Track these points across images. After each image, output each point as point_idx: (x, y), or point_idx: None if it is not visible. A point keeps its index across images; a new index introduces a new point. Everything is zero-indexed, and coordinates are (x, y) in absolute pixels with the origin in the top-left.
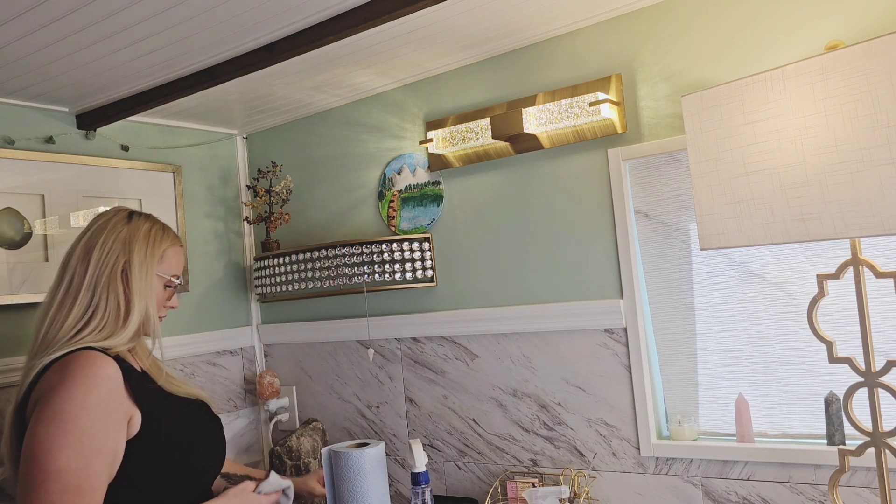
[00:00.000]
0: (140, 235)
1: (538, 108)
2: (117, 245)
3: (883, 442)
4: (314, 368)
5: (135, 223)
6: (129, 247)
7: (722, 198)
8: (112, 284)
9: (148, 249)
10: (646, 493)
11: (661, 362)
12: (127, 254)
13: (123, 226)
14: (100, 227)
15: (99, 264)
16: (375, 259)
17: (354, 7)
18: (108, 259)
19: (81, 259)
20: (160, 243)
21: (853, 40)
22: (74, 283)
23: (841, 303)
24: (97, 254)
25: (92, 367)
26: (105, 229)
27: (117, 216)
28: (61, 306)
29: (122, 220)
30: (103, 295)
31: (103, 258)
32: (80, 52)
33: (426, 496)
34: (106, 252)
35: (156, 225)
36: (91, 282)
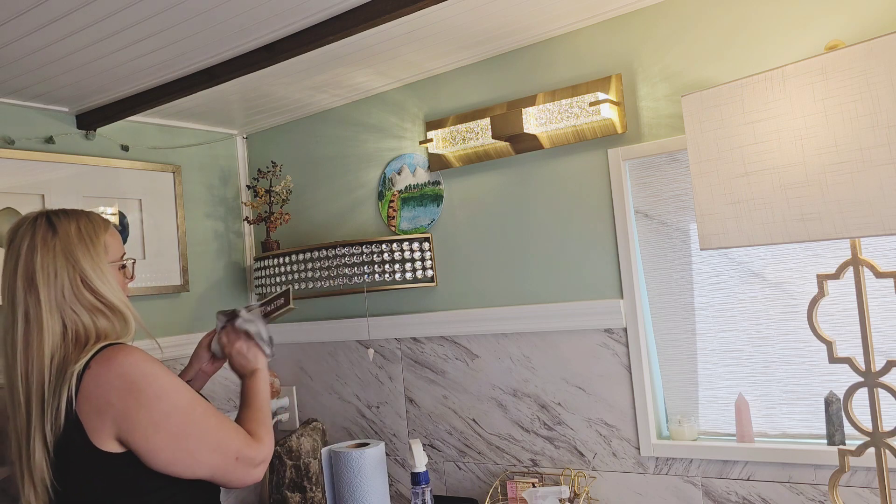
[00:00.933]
0: (74, 240)
1: (538, 108)
2: (59, 260)
3: (883, 442)
4: (314, 368)
5: (61, 229)
6: (72, 258)
7: (722, 198)
8: (80, 299)
9: (90, 249)
10: (646, 493)
11: (661, 362)
12: (74, 264)
13: (52, 237)
14: (28, 248)
15: (51, 288)
16: (375, 259)
17: (354, 7)
18: (59, 279)
19: (28, 289)
20: (96, 237)
21: (853, 40)
22: (33, 315)
23: (841, 303)
24: (42, 279)
25: (133, 351)
26: (35, 249)
27: (38, 229)
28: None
29: (45, 230)
30: (77, 307)
31: (52, 280)
32: (80, 52)
33: (426, 496)
34: (52, 273)
35: (80, 219)
36: (52, 306)
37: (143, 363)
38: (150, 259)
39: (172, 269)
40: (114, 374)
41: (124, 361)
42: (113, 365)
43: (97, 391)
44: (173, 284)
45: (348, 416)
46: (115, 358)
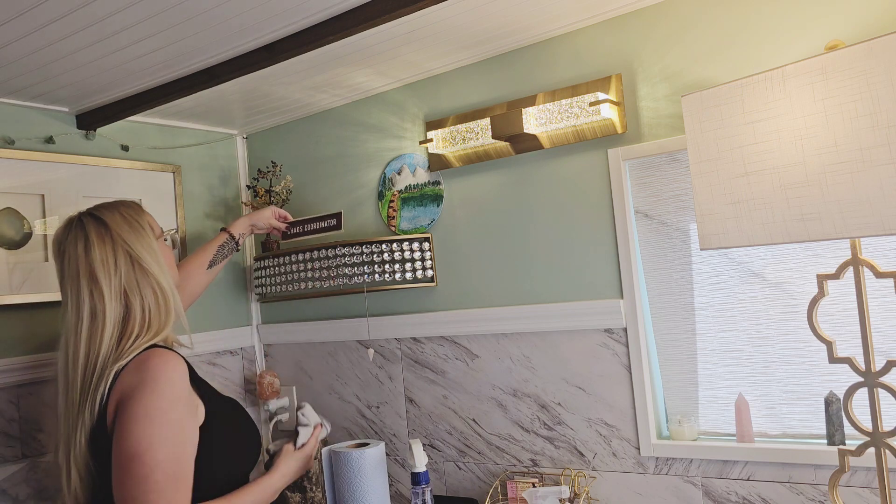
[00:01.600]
0: (123, 226)
1: (538, 108)
2: (117, 249)
3: (883, 442)
4: (314, 368)
5: (109, 220)
6: (125, 243)
7: (722, 198)
8: (141, 280)
9: (140, 233)
10: (646, 493)
11: (661, 362)
12: (129, 248)
13: (104, 230)
14: (84, 247)
15: (112, 278)
16: (375, 259)
17: (354, 7)
18: (118, 267)
19: (92, 286)
20: (141, 218)
21: (853, 40)
22: (99, 309)
23: (841, 303)
24: (103, 272)
25: (169, 364)
26: (91, 245)
27: (88, 225)
28: (92, 335)
29: (95, 225)
30: (135, 295)
31: (112, 271)
32: (80, 52)
33: (426, 496)
34: (112, 264)
35: (120, 207)
36: (115, 295)
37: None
38: None
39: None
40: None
41: (157, 363)
42: (145, 364)
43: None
44: None
45: (348, 416)
46: (150, 359)
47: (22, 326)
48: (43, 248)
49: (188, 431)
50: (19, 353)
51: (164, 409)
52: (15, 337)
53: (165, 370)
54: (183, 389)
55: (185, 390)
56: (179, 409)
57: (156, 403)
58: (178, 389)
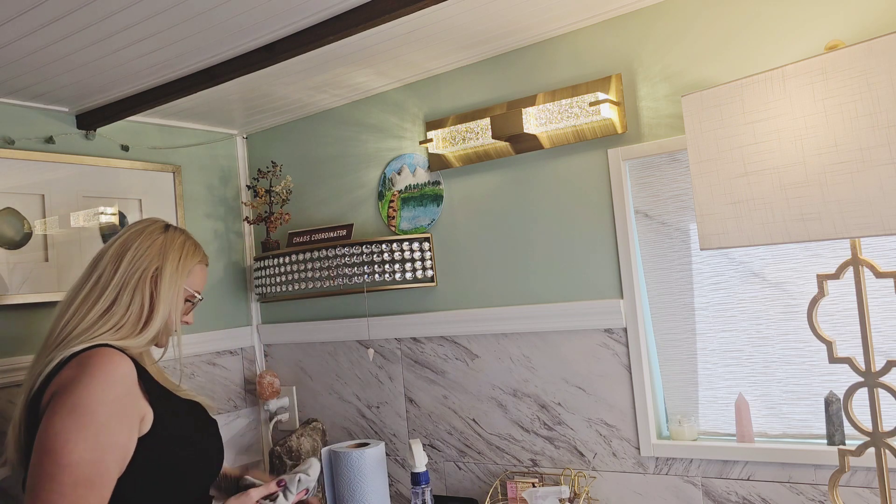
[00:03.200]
0: (175, 246)
1: (538, 108)
2: (152, 250)
3: (883, 442)
4: (314, 368)
5: (171, 234)
6: (163, 254)
7: (722, 198)
8: (140, 286)
9: (181, 261)
10: (646, 493)
11: (661, 362)
12: (160, 260)
13: (160, 234)
14: (136, 231)
15: (131, 265)
16: (375, 259)
17: (354, 7)
18: (142, 262)
19: (113, 259)
20: (192, 257)
21: (853, 40)
22: (102, 281)
23: (841, 303)
24: (130, 255)
25: (111, 364)
26: (141, 234)
27: (154, 225)
28: (85, 301)
29: (159, 229)
30: (129, 295)
31: (136, 260)
32: (80, 52)
33: (426, 496)
34: (140, 255)
35: (189, 240)
36: (119, 281)
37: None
38: None
39: None
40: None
41: (98, 359)
42: (85, 361)
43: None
44: None
45: (348, 416)
46: (92, 357)
47: (22, 326)
48: (43, 248)
49: (116, 437)
50: (19, 353)
51: (91, 408)
52: (15, 337)
53: (105, 369)
54: (120, 392)
55: (122, 393)
56: (110, 412)
57: (83, 401)
58: (114, 390)
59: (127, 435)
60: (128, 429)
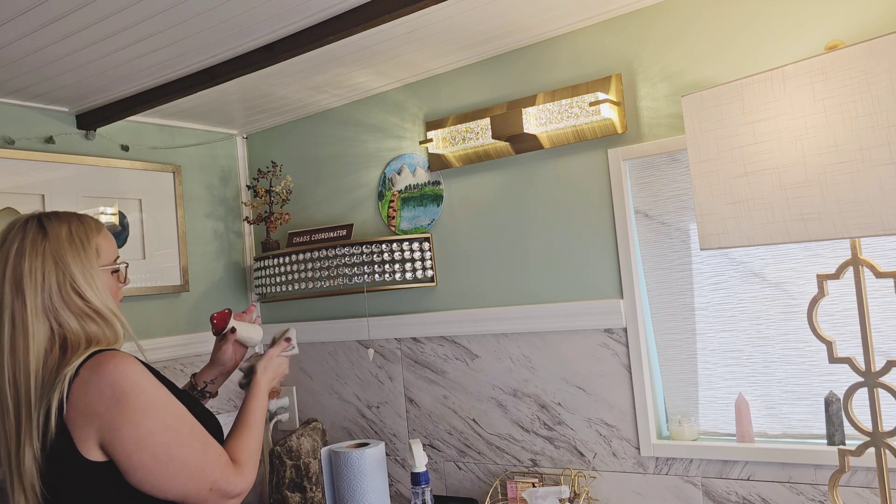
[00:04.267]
0: (65, 244)
1: (538, 108)
2: (48, 264)
3: (883, 442)
4: (314, 368)
5: (52, 232)
6: (61, 262)
7: (722, 198)
8: (68, 304)
9: (81, 254)
10: (646, 493)
11: (661, 362)
12: (63, 269)
13: (42, 240)
14: (17, 252)
15: (38, 292)
16: (375, 259)
17: (354, 7)
18: (47, 283)
19: (15, 293)
20: (88, 240)
21: (853, 40)
22: (18, 318)
23: (841, 303)
24: (29, 283)
25: (125, 359)
26: (24, 253)
27: (28, 232)
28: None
29: (36, 233)
30: (65, 312)
31: (39, 284)
32: (80, 52)
33: (426, 496)
34: (40, 277)
35: (72, 222)
36: (39, 310)
37: (133, 373)
38: (149, 259)
39: (172, 269)
40: (104, 383)
41: (114, 370)
42: (102, 373)
43: (85, 399)
44: (173, 284)
45: (348, 416)
46: (104, 365)
47: None
48: None
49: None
50: None
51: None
52: None
53: (127, 365)
54: (148, 373)
55: (149, 373)
56: (162, 390)
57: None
58: (147, 375)
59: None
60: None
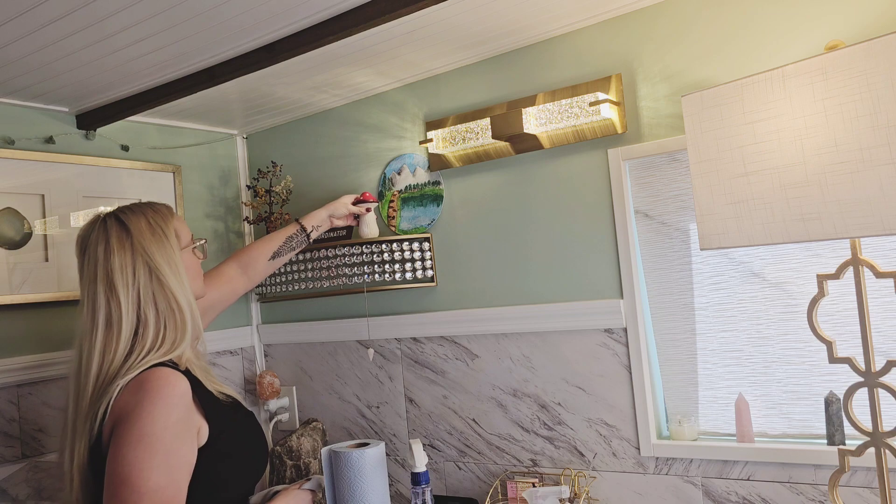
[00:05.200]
0: (146, 234)
1: (538, 108)
2: (137, 258)
3: (883, 442)
4: (314, 368)
5: (132, 226)
6: (145, 253)
7: (722, 198)
8: (157, 293)
9: (164, 242)
10: (646, 493)
11: (661, 362)
12: (148, 259)
13: (126, 237)
14: (104, 251)
15: (129, 287)
16: (375, 259)
17: (354, 7)
18: (137, 277)
19: (109, 294)
20: (167, 226)
21: (853, 40)
22: (115, 317)
23: (841, 303)
24: (121, 280)
25: (168, 386)
26: (112, 252)
27: (111, 229)
28: (107, 344)
29: (118, 229)
30: (150, 307)
31: (131, 279)
32: (80, 52)
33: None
34: (130, 273)
35: (147, 212)
36: (131, 306)
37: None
38: None
39: None
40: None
41: (151, 388)
42: (143, 384)
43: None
44: None
45: (348, 416)
46: (150, 381)
47: (22, 326)
48: (43, 248)
49: (182, 457)
50: (19, 353)
51: (157, 434)
52: (15, 337)
53: (164, 392)
54: (181, 412)
55: (182, 413)
56: (174, 434)
57: (149, 428)
58: (176, 412)
59: (190, 451)
60: (190, 445)
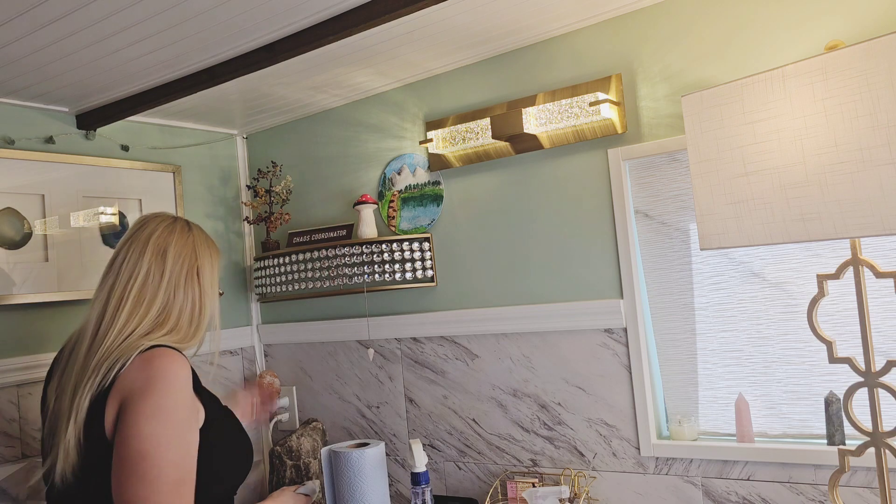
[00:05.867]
0: (203, 243)
1: (538, 108)
2: (188, 248)
3: (883, 442)
4: (314, 368)
5: (195, 231)
6: (197, 252)
7: (722, 198)
8: (189, 284)
9: (211, 257)
10: (646, 493)
11: (661, 362)
12: (198, 258)
13: (188, 233)
14: (166, 228)
15: (176, 264)
16: (375, 259)
17: (354, 7)
18: (184, 260)
19: (157, 258)
20: (215, 253)
21: (853, 40)
22: (152, 279)
23: (841, 303)
24: (172, 254)
25: (177, 365)
26: (173, 232)
27: (177, 223)
28: (139, 300)
29: (184, 226)
30: (180, 294)
31: (179, 259)
32: (80, 52)
33: (426, 496)
34: (180, 254)
35: (208, 237)
36: (170, 281)
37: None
38: None
39: None
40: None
41: (160, 365)
42: (152, 362)
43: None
44: None
45: (348, 416)
46: (158, 357)
47: (22, 326)
48: (43, 248)
49: (192, 435)
50: (19, 353)
51: (170, 408)
52: (15, 337)
53: (174, 369)
54: (188, 391)
55: (189, 392)
56: (187, 412)
57: (163, 402)
58: (186, 391)
59: (196, 431)
60: (196, 425)
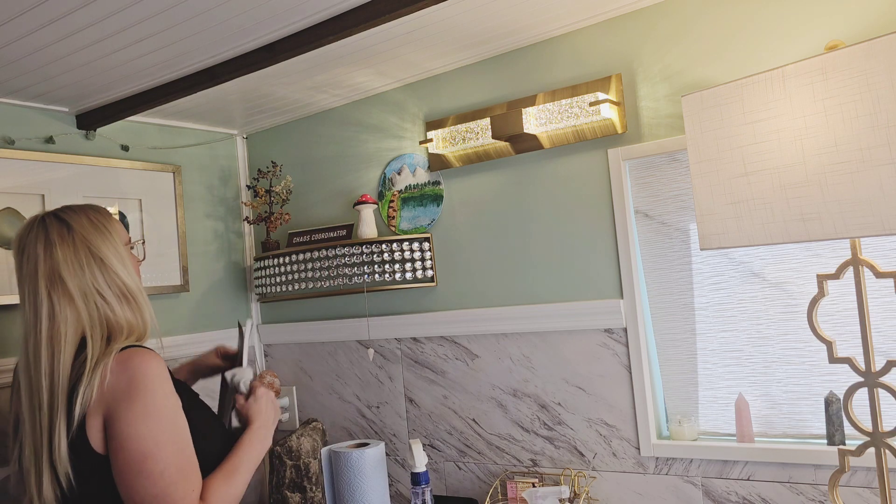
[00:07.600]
0: (88, 228)
1: (538, 108)
2: (81, 252)
3: (883, 442)
4: (314, 368)
5: (74, 223)
6: (93, 247)
7: (722, 198)
8: (110, 285)
9: (108, 237)
10: (646, 493)
11: (661, 362)
12: (97, 253)
13: (68, 232)
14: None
15: (78, 278)
16: (375, 259)
17: (354, 7)
18: (86, 269)
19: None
20: (109, 223)
21: (853, 40)
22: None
23: (841, 303)
24: (67, 271)
25: (153, 360)
26: (53, 245)
27: (50, 227)
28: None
29: (59, 227)
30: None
31: (78, 271)
32: (80, 52)
33: (426, 496)
34: (77, 265)
35: (88, 211)
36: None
37: (154, 374)
38: (150, 259)
39: (172, 269)
40: (125, 375)
41: (139, 365)
42: (128, 364)
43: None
44: (173, 284)
45: (348, 416)
46: (133, 358)
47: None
48: None
49: (182, 418)
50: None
51: (159, 405)
52: (15, 337)
53: (152, 366)
54: (168, 383)
55: (169, 383)
56: (174, 403)
57: (151, 401)
58: (168, 383)
59: (183, 415)
60: (181, 409)
